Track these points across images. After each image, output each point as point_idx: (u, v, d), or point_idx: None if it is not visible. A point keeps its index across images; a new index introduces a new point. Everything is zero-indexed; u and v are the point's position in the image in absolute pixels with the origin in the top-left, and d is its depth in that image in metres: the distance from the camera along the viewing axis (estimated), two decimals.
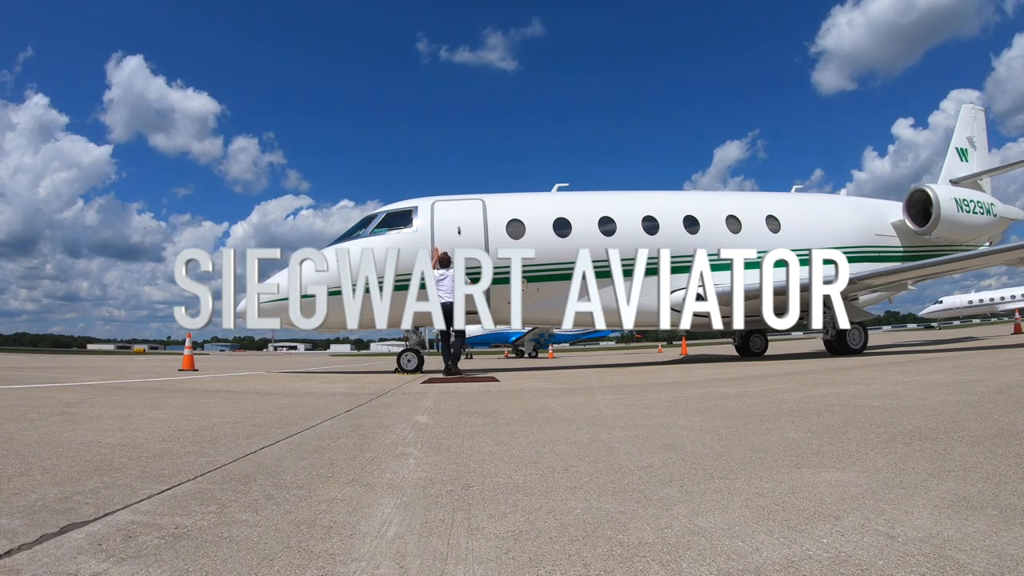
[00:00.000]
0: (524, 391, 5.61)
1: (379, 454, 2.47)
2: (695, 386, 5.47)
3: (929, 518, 1.42)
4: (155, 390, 6.13)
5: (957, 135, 14.61)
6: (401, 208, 10.12)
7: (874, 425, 2.76)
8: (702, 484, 1.83)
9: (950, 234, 12.26)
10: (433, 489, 1.87)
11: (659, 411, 3.66)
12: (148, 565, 1.25)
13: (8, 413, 3.92)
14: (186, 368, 10.64)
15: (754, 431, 2.77)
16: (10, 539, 1.39)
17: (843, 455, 2.16)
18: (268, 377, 8.91)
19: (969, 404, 3.26)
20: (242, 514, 1.61)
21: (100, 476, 2.06)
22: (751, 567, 1.18)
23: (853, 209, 12.60)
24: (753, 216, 11.28)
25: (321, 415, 3.83)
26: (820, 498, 1.63)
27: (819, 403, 3.69)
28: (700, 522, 1.46)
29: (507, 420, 3.48)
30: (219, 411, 4.12)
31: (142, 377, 8.77)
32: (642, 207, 10.82)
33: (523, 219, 10.08)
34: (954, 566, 1.15)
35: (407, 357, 9.69)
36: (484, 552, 1.30)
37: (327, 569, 1.22)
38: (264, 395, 5.58)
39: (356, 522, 1.53)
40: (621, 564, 1.22)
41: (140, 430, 3.18)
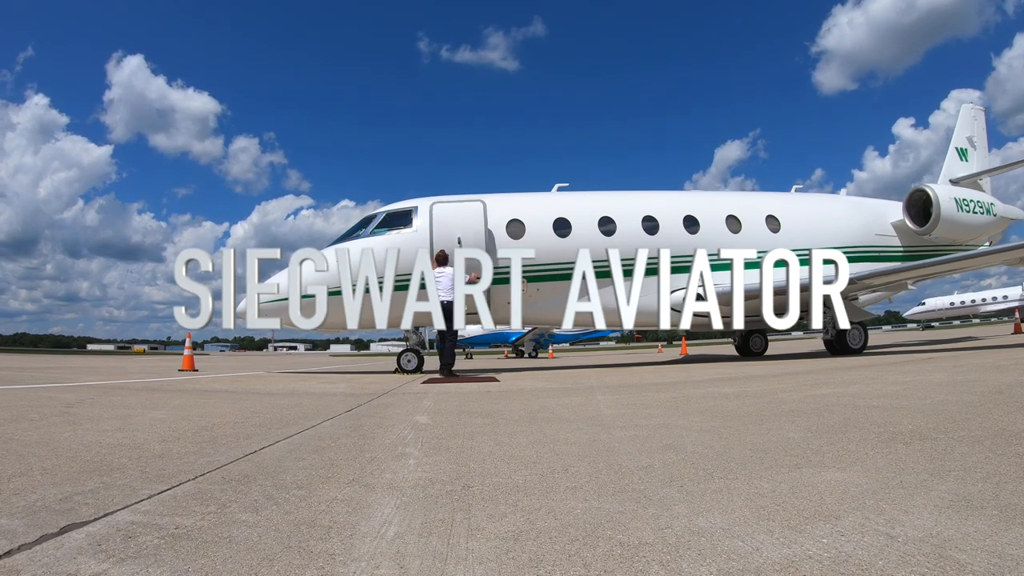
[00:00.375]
0: (524, 391, 5.61)
1: (379, 454, 2.47)
2: (695, 386, 5.47)
3: (929, 518, 1.42)
4: (155, 390, 6.13)
5: (957, 135, 14.62)
6: (401, 208, 10.13)
7: (874, 425, 2.76)
8: (702, 484, 1.83)
9: (950, 234, 12.26)
10: (433, 489, 1.87)
11: (659, 411, 3.66)
12: (148, 565, 1.24)
13: (8, 413, 3.92)
14: (186, 368, 10.63)
15: (754, 431, 2.77)
16: (10, 539, 1.39)
17: (843, 455, 2.16)
18: (268, 377, 8.91)
19: (969, 404, 3.26)
20: (242, 514, 1.61)
21: (100, 476, 2.06)
22: (751, 567, 1.18)
23: (853, 209, 12.61)
24: (753, 216, 11.29)
25: (321, 415, 3.83)
26: (820, 498, 1.63)
27: (819, 403, 3.69)
28: (700, 522, 1.46)
29: (507, 420, 3.48)
30: (219, 411, 4.12)
31: (142, 377, 8.77)
32: (642, 207, 10.82)
33: (523, 219, 10.08)
34: (954, 566, 1.15)
35: (407, 357, 9.69)
36: (484, 552, 1.30)
37: (327, 569, 1.22)
38: (264, 395, 5.58)
39: (356, 522, 1.53)
40: (621, 564, 1.22)
41: (140, 430, 3.18)
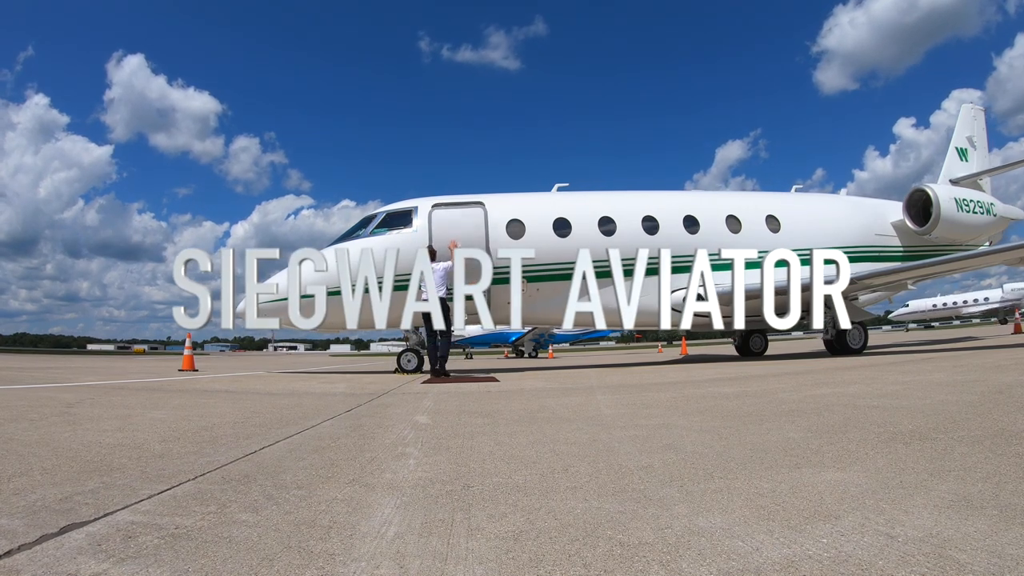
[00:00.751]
0: (524, 391, 5.61)
1: (379, 454, 2.47)
2: (695, 386, 5.47)
3: (929, 518, 1.42)
4: (155, 390, 6.13)
5: (957, 135, 14.62)
6: (401, 208, 10.13)
7: (874, 425, 2.76)
8: (702, 484, 1.83)
9: (950, 234, 12.26)
10: (433, 489, 1.87)
11: (659, 411, 3.66)
12: (148, 565, 1.24)
13: (8, 413, 3.92)
14: (186, 368, 10.64)
15: (754, 431, 2.77)
16: (10, 539, 1.39)
17: (843, 455, 2.16)
18: (268, 377, 8.91)
19: (969, 404, 3.26)
20: (242, 514, 1.61)
21: (100, 476, 2.06)
22: (751, 567, 1.18)
23: (853, 209, 12.61)
24: (753, 216, 11.29)
25: (321, 415, 3.83)
26: (820, 498, 1.63)
27: (819, 403, 3.69)
28: (700, 522, 1.46)
29: (507, 420, 3.48)
30: (219, 411, 4.12)
31: (142, 377, 8.77)
32: (642, 207, 10.82)
33: (523, 219, 10.07)
34: (954, 566, 1.15)
35: (407, 357, 9.69)
36: (484, 552, 1.30)
37: (327, 569, 1.22)
38: (264, 395, 5.58)
39: (356, 522, 1.53)
40: (621, 564, 1.22)
41: (140, 430, 3.18)
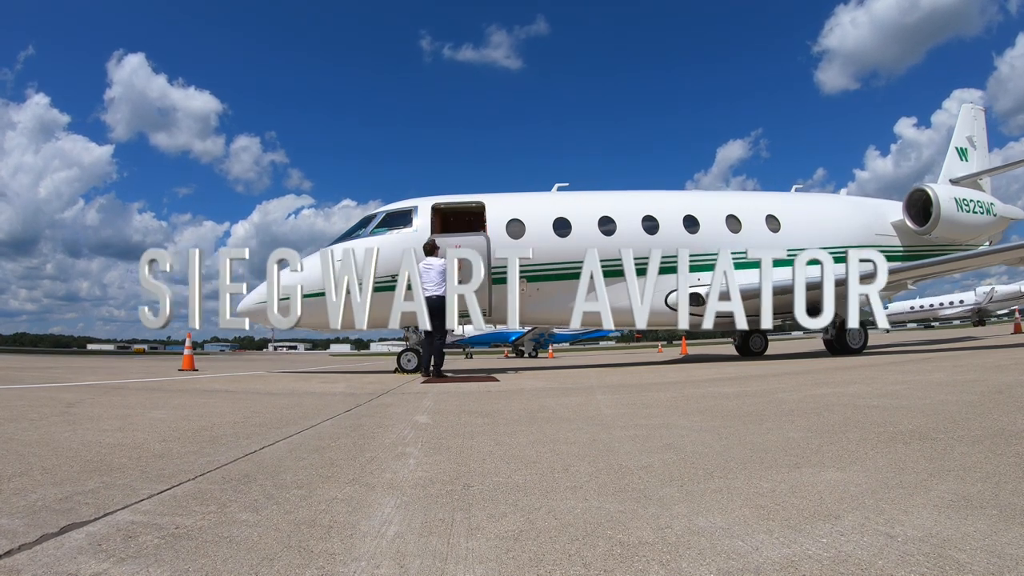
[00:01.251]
0: (524, 391, 5.61)
1: (379, 454, 2.47)
2: (695, 386, 5.47)
3: (929, 518, 1.42)
4: (155, 390, 6.13)
5: (957, 135, 14.62)
6: (401, 208, 10.12)
7: (874, 425, 2.76)
8: (702, 484, 1.83)
9: (950, 234, 12.26)
10: (433, 489, 1.87)
11: (659, 411, 3.66)
12: (148, 565, 1.25)
13: (8, 413, 3.92)
14: (186, 368, 10.63)
15: (754, 431, 2.77)
16: (10, 539, 1.39)
17: (843, 455, 2.16)
18: (268, 377, 8.91)
19: (969, 404, 3.26)
20: (242, 514, 1.61)
21: (100, 476, 2.06)
22: (751, 567, 1.18)
23: (853, 209, 12.61)
24: (753, 216, 11.28)
25: (321, 415, 3.83)
26: (820, 498, 1.63)
27: (819, 403, 3.69)
28: (700, 522, 1.46)
29: (507, 420, 3.48)
30: (219, 411, 4.12)
31: (142, 377, 8.77)
32: (642, 207, 10.82)
33: (523, 219, 10.07)
34: (954, 566, 1.15)
35: (407, 357, 9.68)
36: (484, 552, 1.30)
37: (327, 569, 1.22)
38: (264, 395, 5.58)
39: (356, 522, 1.53)
40: (621, 564, 1.22)
41: (140, 430, 3.18)
